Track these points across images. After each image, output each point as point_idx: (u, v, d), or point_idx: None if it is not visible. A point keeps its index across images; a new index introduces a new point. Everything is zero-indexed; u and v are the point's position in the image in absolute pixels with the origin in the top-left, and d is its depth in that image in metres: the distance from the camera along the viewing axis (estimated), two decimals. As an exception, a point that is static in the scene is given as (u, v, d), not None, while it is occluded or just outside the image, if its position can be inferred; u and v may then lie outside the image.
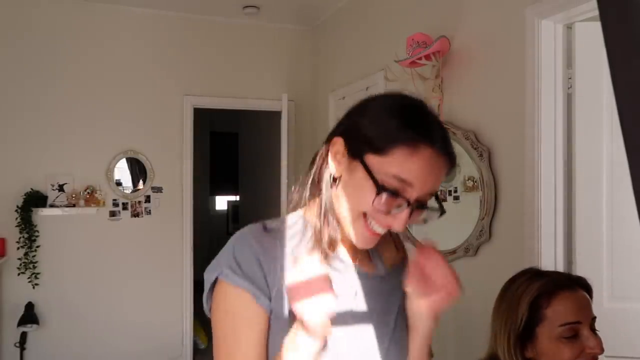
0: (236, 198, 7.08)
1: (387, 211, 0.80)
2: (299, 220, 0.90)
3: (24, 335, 3.47)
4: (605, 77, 1.97)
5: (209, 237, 7.08)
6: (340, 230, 0.87)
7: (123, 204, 3.87)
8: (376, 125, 0.81)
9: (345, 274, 0.90)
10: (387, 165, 0.79)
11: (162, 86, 3.95)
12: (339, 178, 0.85)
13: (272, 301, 0.82)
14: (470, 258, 2.41)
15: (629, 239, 1.99)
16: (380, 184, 0.78)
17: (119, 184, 3.89)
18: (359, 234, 0.84)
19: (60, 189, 3.65)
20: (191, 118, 4.04)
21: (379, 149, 0.79)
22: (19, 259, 3.51)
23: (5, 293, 3.54)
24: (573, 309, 1.09)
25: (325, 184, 0.86)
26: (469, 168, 2.43)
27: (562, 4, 1.95)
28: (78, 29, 3.73)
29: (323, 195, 0.86)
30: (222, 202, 7.92)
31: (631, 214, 0.54)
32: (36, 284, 3.54)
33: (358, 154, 0.81)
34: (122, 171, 3.93)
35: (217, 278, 0.84)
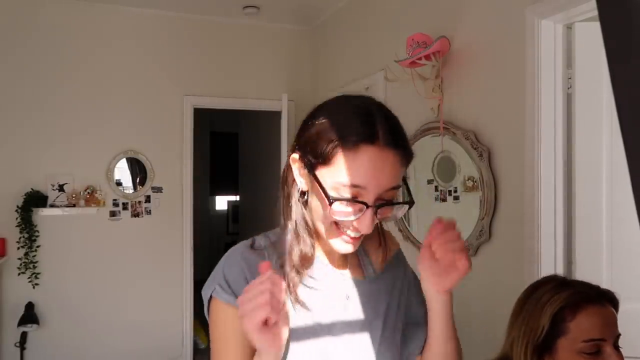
0: (236, 198, 7.08)
1: (348, 218, 0.81)
2: (283, 234, 0.91)
3: (24, 335, 3.47)
4: (605, 77, 1.97)
5: (209, 237, 7.09)
6: (321, 242, 0.90)
7: (123, 204, 3.87)
8: (318, 135, 0.82)
9: (334, 282, 0.91)
10: (337, 175, 0.79)
11: (162, 86, 3.95)
12: (307, 192, 0.87)
13: None
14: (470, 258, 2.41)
15: (628, 239, 1.99)
16: (331, 195, 0.79)
17: (119, 184, 3.89)
18: (337, 242, 0.85)
19: (61, 189, 3.65)
20: (191, 118, 4.04)
21: (325, 160, 0.80)
22: (19, 259, 3.52)
23: (6, 293, 3.54)
24: (598, 325, 1.05)
25: (293, 200, 0.88)
26: (468, 168, 2.43)
27: (562, 4, 1.95)
28: (78, 29, 3.73)
29: (292, 211, 0.88)
30: (222, 202, 7.92)
31: (631, 214, 0.54)
32: (36, 284, 3.54)
33: (310, 168, 0.83)
34: (122, 171, 3.93)
35: (212, 295, 0.87)
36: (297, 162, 0.86)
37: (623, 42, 0.41)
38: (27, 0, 3.60)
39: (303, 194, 0.87)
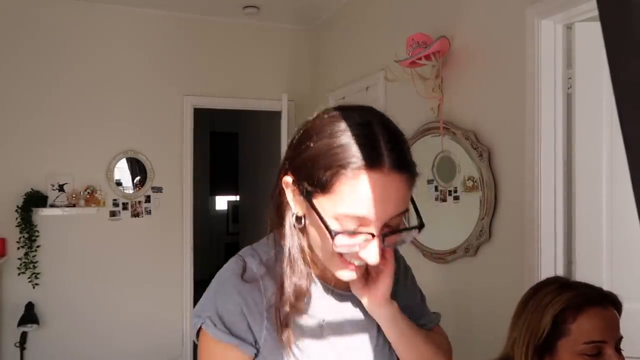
0: (236, 198, 7.08)
1: (353, 250, 0.74)
2: (278, 254, 0.86)
3: (24, 335, 3.47)
4: (605, 77, 1.97)
5: (209, 237, 7.10)
6: (319, 264, 0.85)
7: (123, 204, 3.87)
8: (315, 160, 0.73)
9: (331, 307, 0.89)
10: (338, 205, 0.71)
11: (162, 86, 3.95)
12: (304, 216, 0.79)
13: (262, 345, 0.83)
14: (470, 258, 2.41)
15: (628, 239, 1.99)
16: (333, 229, 0.72)
17: (119, 184, 3.89)
18: (340, 272, 0.79)
19: (61, 189, 3.65)
20: (191, 118, 4.04)
21: (324, 189, 0.72)
22: (19, 259, 3.51)
23: (6, 293, 3.54)
24: (600, 327, 1.05)
25: (287, 225, 0.81)
26: (468, 168, 2.43)
27: (562, 4, 1.95)
28: (78, 28, 3.73)
29: (286, 238, 0.81)
30: (222, 202, 7.93)
31: (631, 214, 0.54)
32: (36, 284, 3.54)
33: (307, 195, 0.75)
34: (122, 171, 3.92)
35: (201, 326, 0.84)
36: (291, 187, 0.78)
37: (623, 42, 0.41)
38: (28, 0, 3.60)
39: (299, 219, 0.80)
